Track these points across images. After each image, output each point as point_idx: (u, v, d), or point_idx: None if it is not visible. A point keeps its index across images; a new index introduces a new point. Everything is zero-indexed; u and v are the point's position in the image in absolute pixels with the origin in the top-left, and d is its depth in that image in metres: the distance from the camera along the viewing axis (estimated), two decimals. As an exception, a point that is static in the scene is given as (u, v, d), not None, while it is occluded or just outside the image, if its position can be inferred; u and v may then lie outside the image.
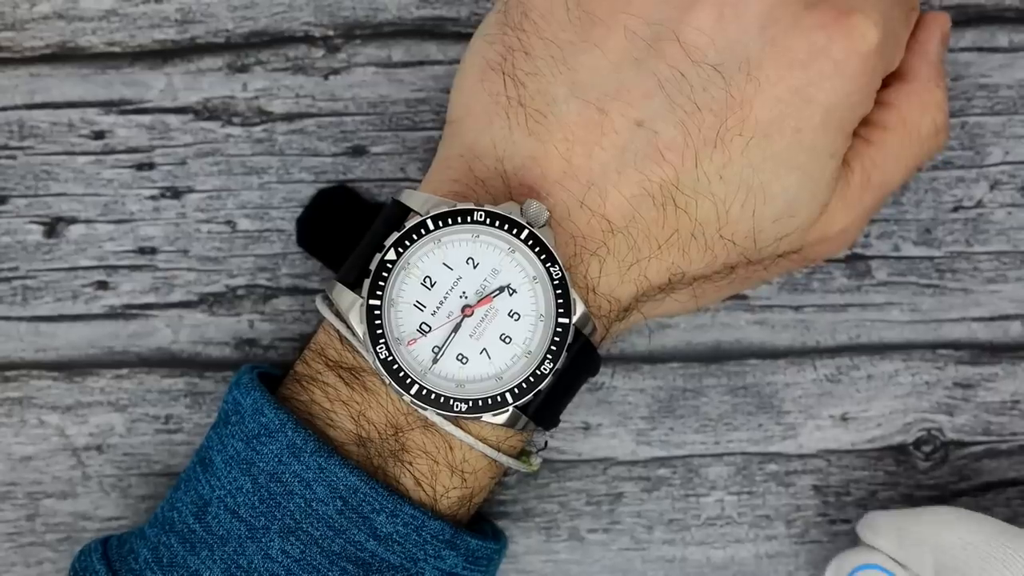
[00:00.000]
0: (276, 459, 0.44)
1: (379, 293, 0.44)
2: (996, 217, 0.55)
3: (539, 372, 0.45)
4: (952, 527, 0.48)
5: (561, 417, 0.48)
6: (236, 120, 0.54)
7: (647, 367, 0.55)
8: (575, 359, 0.45)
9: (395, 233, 0.45)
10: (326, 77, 0.54)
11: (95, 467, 0.54)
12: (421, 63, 0.54)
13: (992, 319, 0.55)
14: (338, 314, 0.46)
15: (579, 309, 0.45)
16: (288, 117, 0.54)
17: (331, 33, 0.54)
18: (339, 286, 0.45)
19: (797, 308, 0.55)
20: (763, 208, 0.46)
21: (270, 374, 0.49)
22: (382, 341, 0.44)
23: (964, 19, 0.54)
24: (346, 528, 0.44)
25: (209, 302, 0.54)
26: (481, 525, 0.50)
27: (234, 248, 0.54)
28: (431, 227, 0.45)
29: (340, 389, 0.46)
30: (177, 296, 0.54)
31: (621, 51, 0.45)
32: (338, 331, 0.46)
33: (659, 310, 0.49)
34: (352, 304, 0.45)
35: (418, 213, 0.45)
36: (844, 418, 0.55)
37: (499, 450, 0.46)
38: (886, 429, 0.55)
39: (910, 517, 0.50)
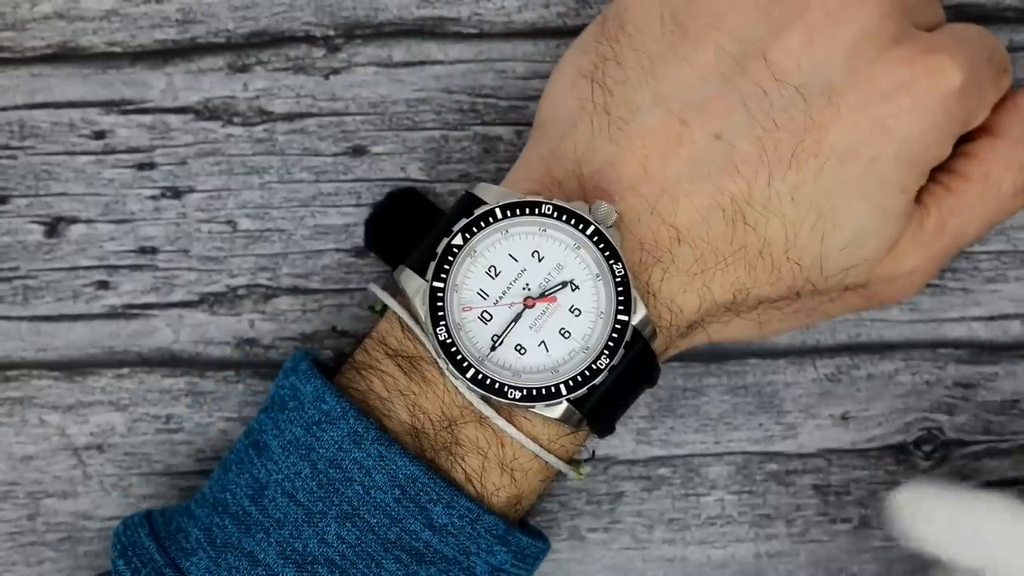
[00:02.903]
0: (336, 446, 0.45)
1: (443, 276, 0.45)
2: (996, 217, 0.55)
3: (595, 367, 0.45)
4: (1019, 525, 0.47)
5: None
6: (237, 120, 0.54)
7: (647, 367, 0.55)
8: (632, 363, 0.46)
9: (464, 219, 0.46)
10: (327, 77, 0.54)
11: (96, 467, 0.54)
12: (421, 63, 0.54)
13: (992, 318, 0.55)
14: (400, 302, 0.47)
15: (640, 311, 0.45)
16: (289, 117, 0.54)
17: (332, 33, 0.54)
18: (407, 271, 0.46)
19: (797, 308, 0.55)
20: (831, 234, 0.46)
21: (319, 360, 0.49)
22: (443, 323, 0.45)
23: (964, 19, 0.54)
24: (403, 517, 0.45)
25: (210, 302, 0.54)
26: (526, 525, 0.51)
27: (235, 248, 0.54)
28: (499, 216, 0.46)
29: (398, 378, 0.46)
30: (178, 296, 0.54)
31: (708, 66, 0.46)
32: (400, 318, 0.47)
33: (724, 334, 0.50)
34: (419, 289, 0.46)
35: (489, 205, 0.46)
36: (844, 417, 0.55)
37: (549, 451, 0.46)
38: (886, 428, 0.55)
39: (963, 504, 0.47)
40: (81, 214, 0.54)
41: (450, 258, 0.45)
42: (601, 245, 0.45)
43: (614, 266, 0.45)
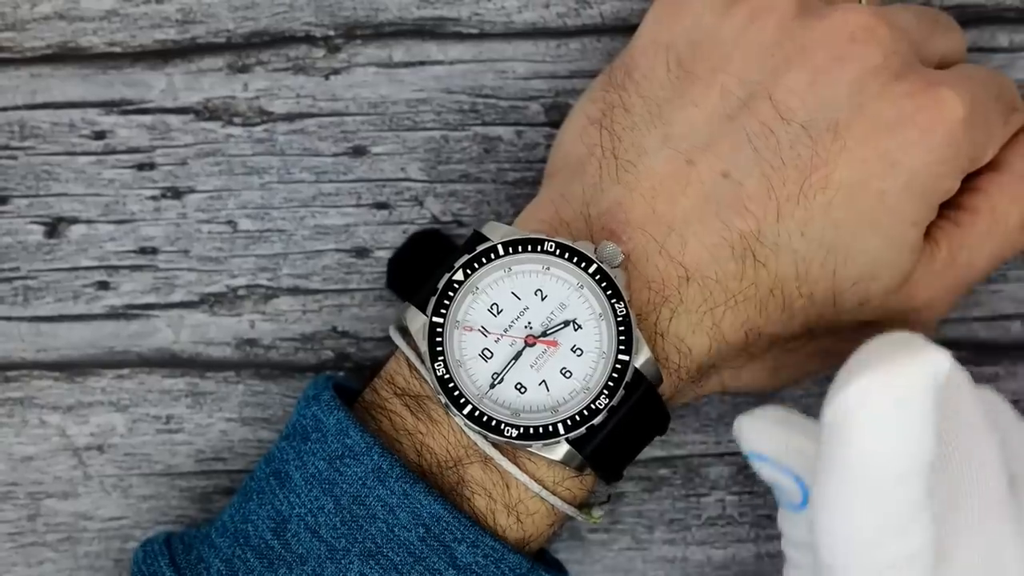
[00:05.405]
0: (360, 482, 0.45)
1: (443, 312, 0.45)
2: (996, 217, 0.55)
3: (593, 407, 0.45)
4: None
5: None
6: (237, 120, 0.54)
7: (648, 367, 0.55)
8: (636, 406, 0.45)
9: (466, 255, 0.45)
10: (327, 77, 0.54)
11: (96, 467, 0.54)
12: (422, 63, 0.55)
13: (992, 319, 0.55)
14: (409, 342, 0.46)
15: (644, 353, 0.45)
16: (289, 117, 0.54)
17: (332, 33, 0.54)
18: (412, 309, 0.46)
19: (797, 308, 0.55)
20: (843, 268, 0.47)
21: (340, 384, 0.49)
22: (441, 359, 0.45)
23: (964, 19, 0.54)
24: (426, 556, 0.44)
25: (210, 302, 0.54)
26: (543, 556, 0.50)
27: (235, 248, 0.54)
28: (501, 252, 0.45)
29: (406, 417, 0.46)
30: (178, 296, 0.54)
31: (715, 107, 0.47)
32: (407, 357, 0.46)
33: (738, 381, 0.49)
34: (422, 326, 0.45)
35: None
36: (844, 418, 0.55)
37: (554, 493, 0.46)
38: (886, 429, 0.55)
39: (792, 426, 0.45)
40: (81, 214, 0.54)
41: (450, 293, 0.45)
42: (603, 283, 0.45)
43: (615, 305, 0.45)
